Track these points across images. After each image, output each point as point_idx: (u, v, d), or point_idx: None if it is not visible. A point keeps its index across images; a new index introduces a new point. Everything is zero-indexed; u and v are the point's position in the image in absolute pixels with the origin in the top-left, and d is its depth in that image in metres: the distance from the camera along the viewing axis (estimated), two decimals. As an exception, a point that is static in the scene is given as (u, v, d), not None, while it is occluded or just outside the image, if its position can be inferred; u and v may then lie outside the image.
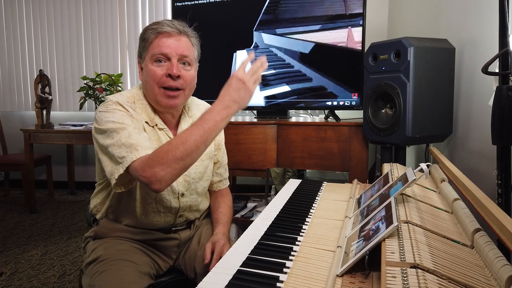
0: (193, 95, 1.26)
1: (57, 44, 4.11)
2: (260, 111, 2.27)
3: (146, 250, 1.18)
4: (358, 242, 0.74)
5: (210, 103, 2.18)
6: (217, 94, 0.98)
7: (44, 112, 3.38)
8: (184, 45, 1.12)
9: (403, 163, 1.64)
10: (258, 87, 2.22)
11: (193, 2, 2.29)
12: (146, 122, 1.14)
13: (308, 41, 2.08)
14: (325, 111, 2.18)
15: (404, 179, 0.88)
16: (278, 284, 0.66)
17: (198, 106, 1.32)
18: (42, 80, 3.32)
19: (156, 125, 1.16)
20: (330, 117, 2.10)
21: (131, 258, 1.09)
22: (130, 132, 1.02)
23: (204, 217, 1.37)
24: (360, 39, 1.97)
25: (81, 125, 3.42)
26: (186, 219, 1.26)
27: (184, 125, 1.23)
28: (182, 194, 1.20)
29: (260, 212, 1.15)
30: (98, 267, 1.05)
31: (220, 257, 1.11)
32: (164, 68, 1.10)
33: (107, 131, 1.04)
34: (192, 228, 1.30)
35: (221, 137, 1.38)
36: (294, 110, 2.55)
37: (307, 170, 3.25)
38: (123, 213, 1.17)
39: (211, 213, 1.35)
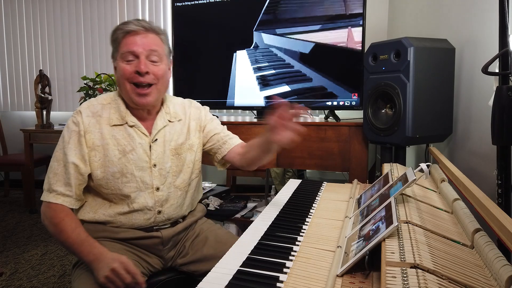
0: (192, 94, 1.26)
1: (57, 44, 4.11)
2: (260, 111, 2.27)
3: (130, 249, 1.17)
4: (358, 242, 0.74)
5: (210, 103, 2.20)
6: (216, 94, 0.98)
7: (44, 112, 3.38)
8: (151, 42, 1.14)
9: (403, 163, 1.64)
10: (258, 88, 2.24)
11: (193, 2, 2.29)
12: (115, 125, 1.16)
13: (308, 41, 2.08)
14: (325, 111, 2.18)
15: (404, 179, 0.88)
16: (278, 284, 0.66)
17: (174, 105, 1.31)
18: (42, 80, 3.32)
19: (127, 122, 1.17)
20: (330, 117, 2.10)
21: None
22: (62, 165, 1.12)
23: (196, 219, 1.32)
24: (360, 39, 1.97)
25: (81, 125, 3.41)
26: (168, 218, 1.22)
27: (160, 121, 1.22)
28: (158, 188, 1.19)
29: (260, 212, 1.15)
30: (79, 269, 1.09)
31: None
32: (133, 65, 1.12)
33: (58, 142, 1.15)
34: (178, 225, 1.26)
35: (202, 116, 1.32)
36: (294, 110, 2.54)
37: (307, 170, 3.25)
38: (101, 216, 1.18)
39: (248, 149, 1.25)
